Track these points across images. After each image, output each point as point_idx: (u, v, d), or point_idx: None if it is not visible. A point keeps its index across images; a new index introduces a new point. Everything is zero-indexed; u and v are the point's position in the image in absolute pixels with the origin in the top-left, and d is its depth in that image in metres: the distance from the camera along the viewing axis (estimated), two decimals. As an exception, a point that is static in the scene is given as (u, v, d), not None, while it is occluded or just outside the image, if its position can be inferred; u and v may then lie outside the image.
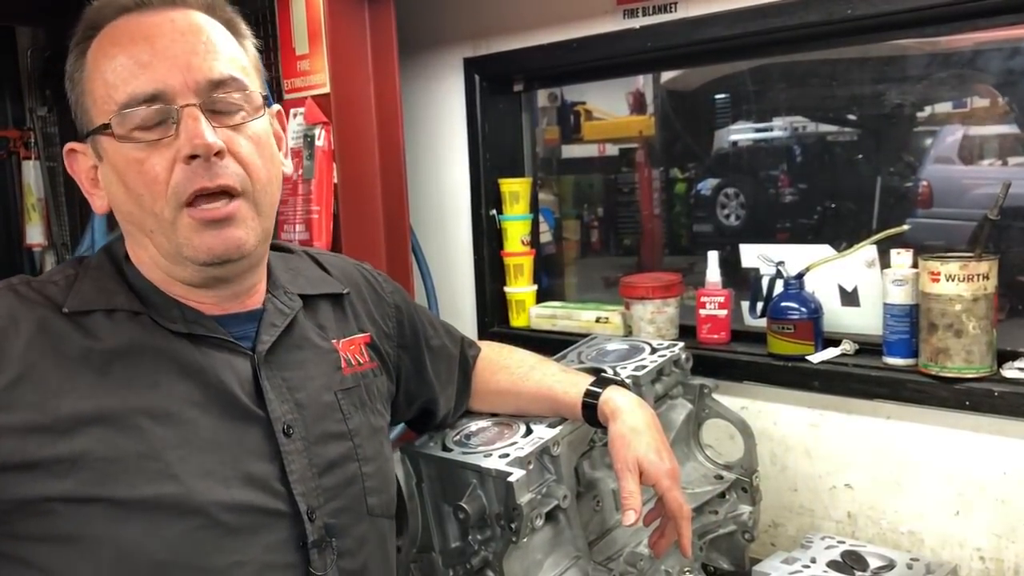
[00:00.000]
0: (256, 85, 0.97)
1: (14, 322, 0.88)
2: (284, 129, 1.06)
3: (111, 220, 1.80)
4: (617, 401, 1.24)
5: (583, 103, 3.17)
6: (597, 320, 2.02)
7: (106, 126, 0.90)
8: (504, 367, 1.37)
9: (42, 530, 0.86)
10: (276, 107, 1.05)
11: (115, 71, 0.90)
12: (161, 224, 0.91)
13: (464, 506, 1.20)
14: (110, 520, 0.86)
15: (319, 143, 1.79)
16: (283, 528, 0.96)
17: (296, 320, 1.05)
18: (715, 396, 1.56)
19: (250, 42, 1.01)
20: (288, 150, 1.07)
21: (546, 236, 2.40)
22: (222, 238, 0.91)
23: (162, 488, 0.88)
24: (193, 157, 0.88)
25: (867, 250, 1.68)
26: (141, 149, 0.89)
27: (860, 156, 3.04)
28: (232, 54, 0.95)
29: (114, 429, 0.87)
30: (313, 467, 0.99)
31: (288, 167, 1.04)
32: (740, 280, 1.91)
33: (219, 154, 0.89)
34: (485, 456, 1.23)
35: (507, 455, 1.22)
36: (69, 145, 0.97)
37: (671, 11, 1.77)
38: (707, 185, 3.91)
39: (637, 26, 1.82)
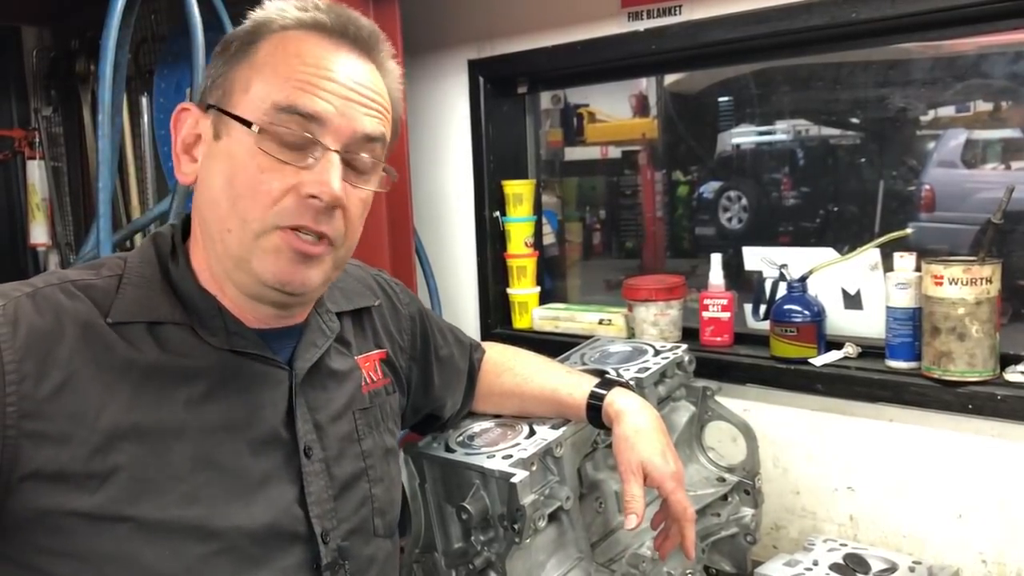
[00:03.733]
0: (384, 157, 0.97)
1: (60, 327, 0.86)
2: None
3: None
4: (621, 403, 1.24)
5: (586, 105, 3.18)
6: (600, 322, 2.02)
7: (249, 122, 0.87)
8: (508, 369, 1.37)
9: (62, 545, 0.84)
10: (393, 174, 1.03)
11: (288, 77, 0.88)
12: (245, 231, 0.88)
13: (467, 507, 1.20)
14: (132, 541, 0.84)
15: (323, 144, 1.79)
16: (299, 551, 0.95)
17: None
18: (718, 398, 1.56)
19: (399, 115, 1.00)
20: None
21: (549, 238, 2.41)
22: (296, 273, 0.91)
23: (187, 511, 0.87)
24: (313, 197, 0.88)
25: (870, 253, 1.69)
26: (270, 161, 0.87)
27: (863, 160, 3.05)
28: (386, 120, 0.95)
29: (146, 447, 0.86)
30: (329, 489, 0.99)
31: None
32: (743, 283, 1.92)
33: (335, 206, 0.90)
34: (488, 457, 1.23)
35: (510, 456, 1.22)
36: (185, 104, 0.93)
37: (675, 14, 1.78)
38: (709, 188, 3.91)
39: (641, 29, 1.83)
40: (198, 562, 0.87)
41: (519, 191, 2.17)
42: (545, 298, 2.26)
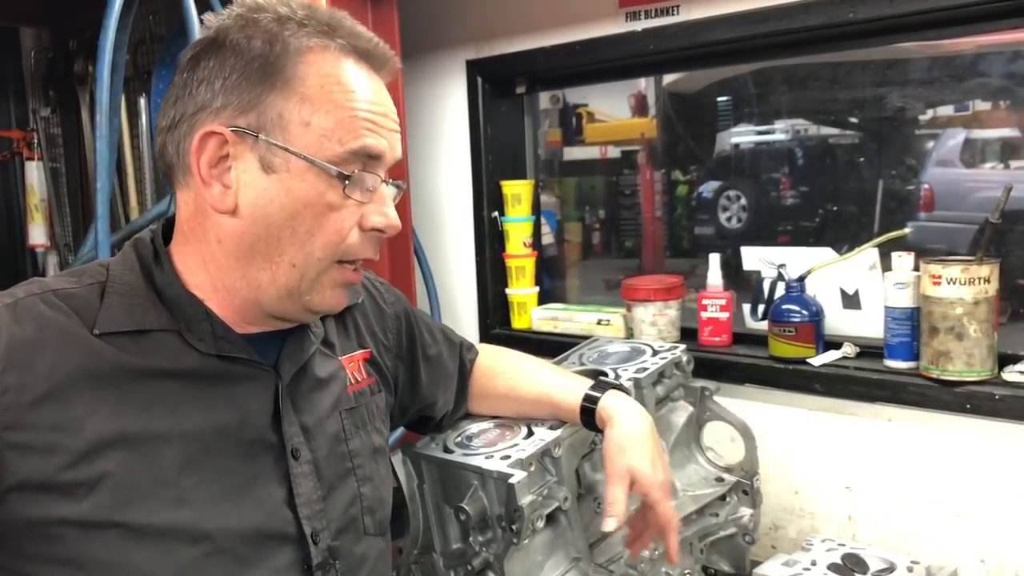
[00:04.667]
0: None
1: (42, 337, 0.85)
2: None
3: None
4: (615, 407, 1.24)
5: (585, 105, 3.18)
6: (599, 322, 2.02)
7: (318, 163, 0.88)
8: (501, 372, 1.36)
9: (52, 552, 0.84)
10: None
11: (352, 115, 0.89)
12: (310, 265, 0.91)
13: (465, 507, 1.20)
14: (123, 546, 0.85)
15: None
16: (289, 552, 0.96)
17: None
18: (716, 398, 1.56)
19: None
20: None
21: (548, 238, 2.41)
22: (344, 298, 0.97)
23: (176, 514, 0.87)
24: (377, 231, 0.93)
25: (868, 253, 1.69)
26: (340, 196, 0.90)
27: (862, 159, 3.04)
28: None
29: (133, 453, 0.86)
30: (318, 490, 0.99)
31: None
32: (741, 283, 1.92)
33: None
34: (486, 458, 1.23)
35: (508, 457, 1.22)
36: (212, 128, 0.88)
37: (673, 14, 1.78)
38: (709, 188, 3.91)
39: (639, 29, 1.83)
40: (190, 565, 0.88)
41: (518, 191, 2.17)
42: (544, 298, 2.26)
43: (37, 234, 2.68)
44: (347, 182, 0.89)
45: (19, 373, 0.83)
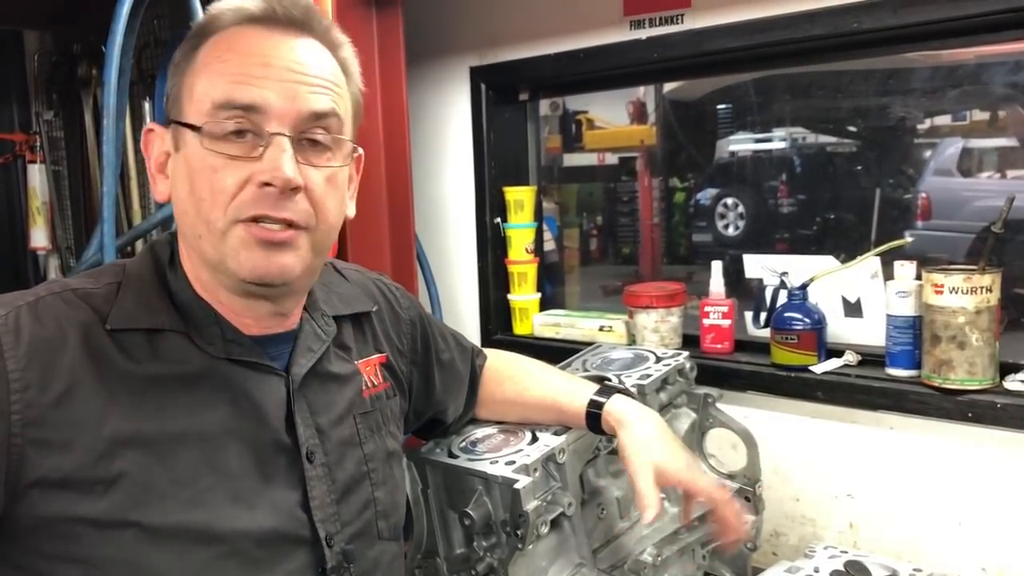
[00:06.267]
0: (350, 132, 0.96)
1: (63, 335, 0.86)
2: (359, 172, 1.04)
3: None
4: (623, 411, 1.25)
5: (585, 112, 3.19)
6: (601, 329, 2.02)
7: (195, 127, 0.88)
8: (509, 377, 1.37)
9: (69, 551, 0.84)
10: (359, 152, 1.01)
11: (221, 73, 0.88)
12: (211, 232, 0.88)
13: (470, 513, 1.21)
14: (138, 546, 0.85)
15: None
16: (303, 555, 0.96)
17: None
18: (719, 405, 1.56)
19: (357, 87, 0.99)
20: (355, 191, 1.04)
21: (549, 244, 2.41)
22: (270, 261, 0.90)
23: (191, 515, 0.87)
24: (267, 185, 0.87)
25: (871, 262, 1.69)
26: (220, 159, 0.87)
27: (859, 168, 3.05)
28: (339, 94, 0.94)
29: (149, 454, 0.86)
30: (332, 493, 0.99)
31: (352, 211, 1.02)
32: (742, 290, 1.92)
33: (294, 189, 0.89)
34: (491, 463, 1.23)
35: (513, 462, 1.22)
36: (149, 125, 0.95)
37: (677, 22, 1.79)
38: (706, 195, 3.92)
39: (643, 37, 1.84)
40: (204, 566, 0.88)
41: (520, 197, 2.17)
42: (545, 304, 2.26)
43: (39, 237, 2.68)
44: (202, 133, 0.88)
45: (40, 370, 0.84)
